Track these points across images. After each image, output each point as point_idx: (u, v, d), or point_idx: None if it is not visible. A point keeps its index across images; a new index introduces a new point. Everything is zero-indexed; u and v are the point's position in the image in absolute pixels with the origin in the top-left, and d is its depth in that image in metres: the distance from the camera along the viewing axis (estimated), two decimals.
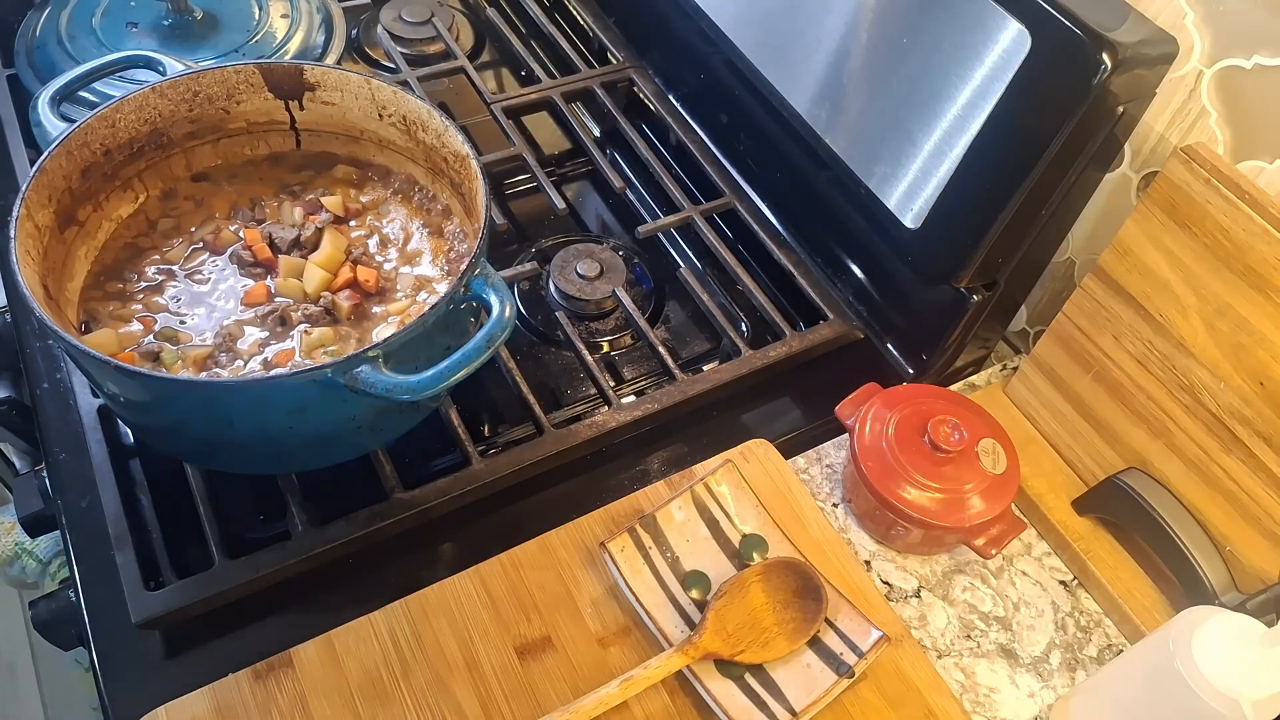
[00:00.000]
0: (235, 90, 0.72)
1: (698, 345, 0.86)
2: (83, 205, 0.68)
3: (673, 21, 0.97)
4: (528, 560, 0.66)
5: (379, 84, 0.72)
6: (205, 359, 0.64)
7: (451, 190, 0.73)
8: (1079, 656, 0.67)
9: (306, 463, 0.66)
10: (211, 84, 0.71)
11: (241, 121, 0.74)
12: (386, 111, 0.73)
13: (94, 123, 0.66)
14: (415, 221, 0.74)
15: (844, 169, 0.78)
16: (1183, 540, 0.65)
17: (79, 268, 0.67)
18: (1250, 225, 0.59)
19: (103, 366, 0.55)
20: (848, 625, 0.62)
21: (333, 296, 0.67)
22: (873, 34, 0.75)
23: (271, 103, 0.73)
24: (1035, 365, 0.76)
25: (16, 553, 1.02)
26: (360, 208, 0.74)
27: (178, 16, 0.94)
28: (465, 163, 0.68)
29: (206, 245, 0.71)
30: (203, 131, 0.73)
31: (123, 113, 0.68)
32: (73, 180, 0.66)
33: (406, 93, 0.71)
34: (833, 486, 0.75)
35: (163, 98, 0.70)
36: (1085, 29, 0.61)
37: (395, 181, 0.76)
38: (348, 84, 0.72)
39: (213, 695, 0.59)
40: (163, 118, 0.70)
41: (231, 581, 0.64)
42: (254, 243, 0.70)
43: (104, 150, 0.68)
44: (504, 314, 0.57)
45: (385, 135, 0.75)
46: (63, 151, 0.65)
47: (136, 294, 0.68)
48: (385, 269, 0.70)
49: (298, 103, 0.74)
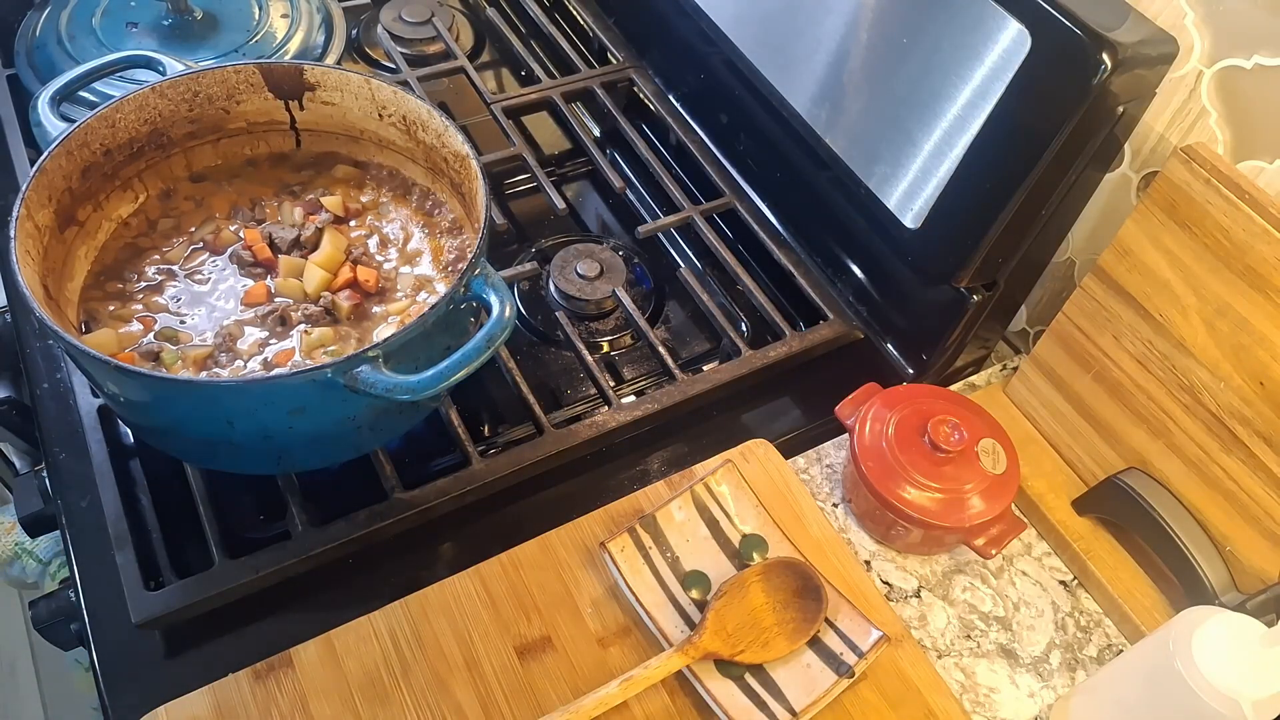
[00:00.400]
0: (235, 90, 0.72)
1: (698, 345, 0.86)
2: (83, 205, 0.68)
3: (673, 21, 0.97)
4: (528, 560, 0.66)
5: (379, 84, 0.72)
6: (205, 359, 0.64)
7: (451, 190, 0.73)
8: (1079, 656, 0.67)
9: (306, 462, 0.66)
10: (211, 84, 0.71)
11: (241, 121, 0.74)
12: (386, 111, 0.73)
13: (94, 123, 0.66)
14: (415, 221, 0.74)
15: (844, 169, 0.78)
16: (1183, 540, 0.65)
17: (79, 268, 0.67)
18: (1250, 225, 0.59)
19: (103, 366, 0.55)
20: (848, 625, 0.62)
21: (333, 296, 0.68)
22: (873, 34, 0.75)
23: (272, 103, 0.73)
24: (1035, 365, 0.76)
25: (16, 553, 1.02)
26: (360, 208, 0.74)
27: (178, 16, 0.94)
28: (465, 163, 0.68)
29: (207, 245, 0.71)
30: (203, 131, 0.73)
31: (123, 113, 0.68)
32: (73, 180, 0.66)
33: (406, 93, 0.71)
34: (833, 486, 0.75)
35: (163, 98, 0.70)
36: (1085, 29, 0.61)
37: (395, 181, 0.76)
38: (348, 84, 0.72)
39: (213, 695, 0.59)
40: (163, 118, 0.70)
41: (231, 581, 0.64)
42: (254, 243, 0.70)
43: (104, 150, 0.68)
44: (504, 314, 0.57)
45: (385, 135, 0.75)
46: (63, 151, 0.64)
47: (136, 294, 0.68)
48: (385, 269, 0.70)
49: (298, 103, 0.74)
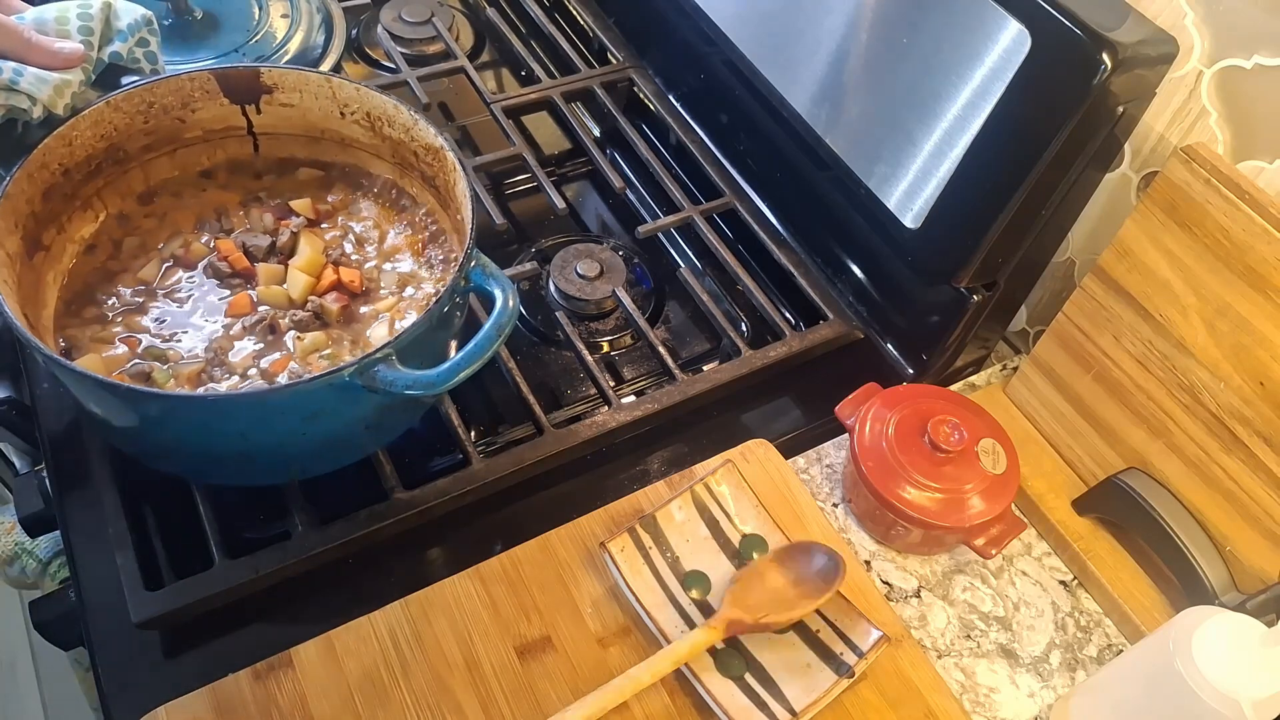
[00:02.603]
0: (190, 98, 0.70)
1: (698, 345, 0.86)
2: (47, 229, 0.66)
3: (673, 21, 0.97)
4: (528, 560, 0.66)
5: (340, 81, 0.71)
6: (199, 374, 0.63)
7: (423, 184, 0.72)
8: (1079, 656, 0.67)
9: (314, 469, 0.65)
10: (166, 93, 0.69)
11: (198, 130, 0.72)
12: (349, 109, 0.72)
13: (52, 143, 0.64)
14: (387, 218, 0.73)
15: (844, 169, 0.78)
16: (1183, 540, 0.65)
17: (50, 294, 0.66)
18: (1250, 225, 0.59)
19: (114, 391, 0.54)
20: (848, 625, 0.62)
21: (320, 300, 0.67)
22: (873, 34, 0.75)
23: (228, 108, 0.72)
24: (1035, 365, 0.76)
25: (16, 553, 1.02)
26: (330, 209, 0.74)
27: (178, 17, 0.94)
28: (439, 155, 0.68)
29: (178, 261, 0.69)
30: (159, 144, 0.71)
31: (79, 130, 0.66)
32: (35, 204, 0.64)
33: (370, 89, 0.70)
34: (833, 486, 0.75)
35: (118, 111, 0.68)
36: (1085, 29, 0.61)
37: (361, 180, 0.75)
38: (307, 84, 0.71)
39: (213, 695, 0.58)
40: (118, 132, 0.68)
41: (231, 581, 0.63)
42: (229, 253, 0.68)
43: (63, 170, 0.66)
44: (509, 303, 0.58)
45: (348, 133, 0.74)
46: (24, 175, 0.62)
47: (115, 317, 0.66)
48: (366, 268, 0.70)
49: (254, 106, 0.72)
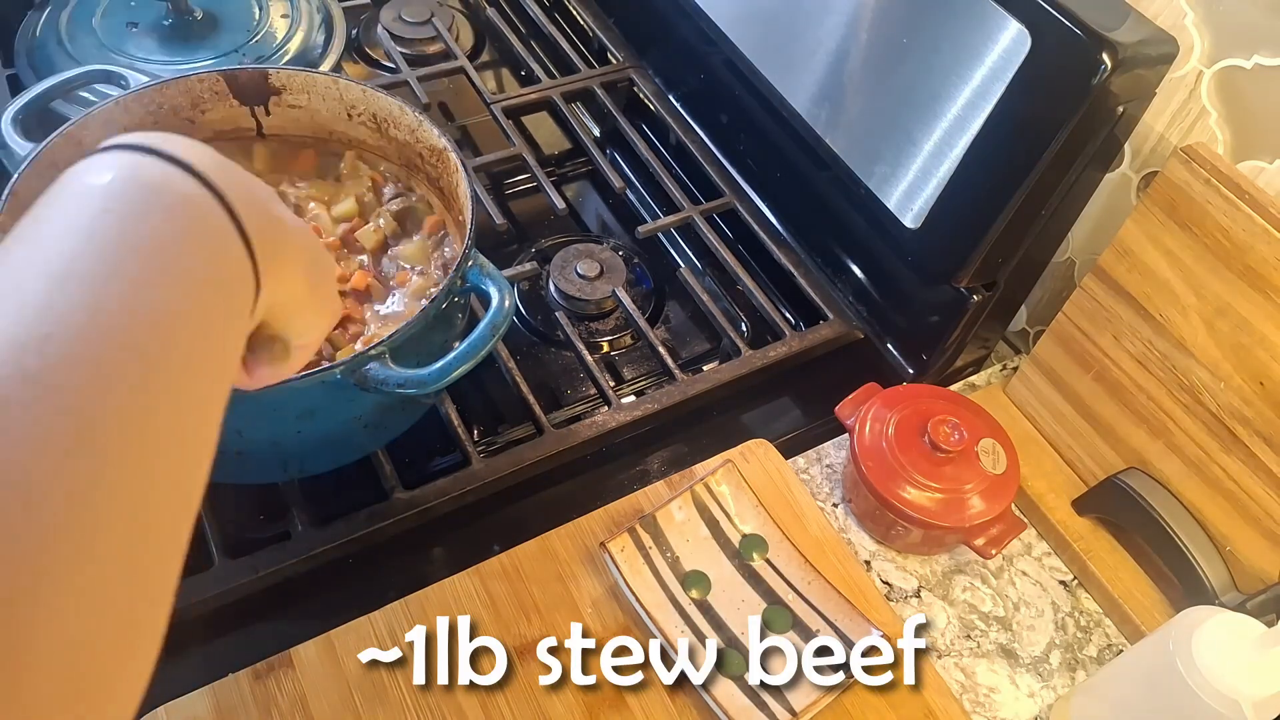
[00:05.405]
0: (200, 100, 0.70)
1: (698, 345, 0.86)
2: None
3: (673, 21, 0.97)
4: (528, 560, 0.66)
5: (346, 83, 0.71)
6: None
7: (429, 184, 0.72)
8: (1079, 656, 0.67)
9: (312, 467, 0.66)
10: (176, 94, 0.69)
11: (208, 131, 0.72)
12: (356, 110, 0.72)
13: (60, 142, 0.63)
14: (393, 220, 0.73)
15: (844, 169, 0.77)
16: (1183, 540, 0.65)
17: None
18: (1250, 225, 0.59)
19: None
20: (848, 625, 0.62)
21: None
22: (872, 34, 0.75)
23: (237, 110, 0.72)
24: (1035, 365, 0.76)
25: None
26: None
27: (178, 16, 0.94)
28: (443, 156, 0.68)
29: None
30: None
31: (88, 129, 0.65)
32: None
33: (376, 90, 0.70)
34: (833, 486, 0.75)
35: (127, 112, 0.67)
36: (1085, 29, 0.61)
37: (368, 180, 0.75)
38: (314, 85, 0.71)
39: (213, 695, 0.58)
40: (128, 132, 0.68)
41: (231, 581, 0.64)
42: None
43: None
44: (504, 303, 0.58)
45: (355, 135, 0.74)
46: (32, 173, 0.62)
47: None
48: (373, 269, 0.70)
49: (264, 108, 0.72)
